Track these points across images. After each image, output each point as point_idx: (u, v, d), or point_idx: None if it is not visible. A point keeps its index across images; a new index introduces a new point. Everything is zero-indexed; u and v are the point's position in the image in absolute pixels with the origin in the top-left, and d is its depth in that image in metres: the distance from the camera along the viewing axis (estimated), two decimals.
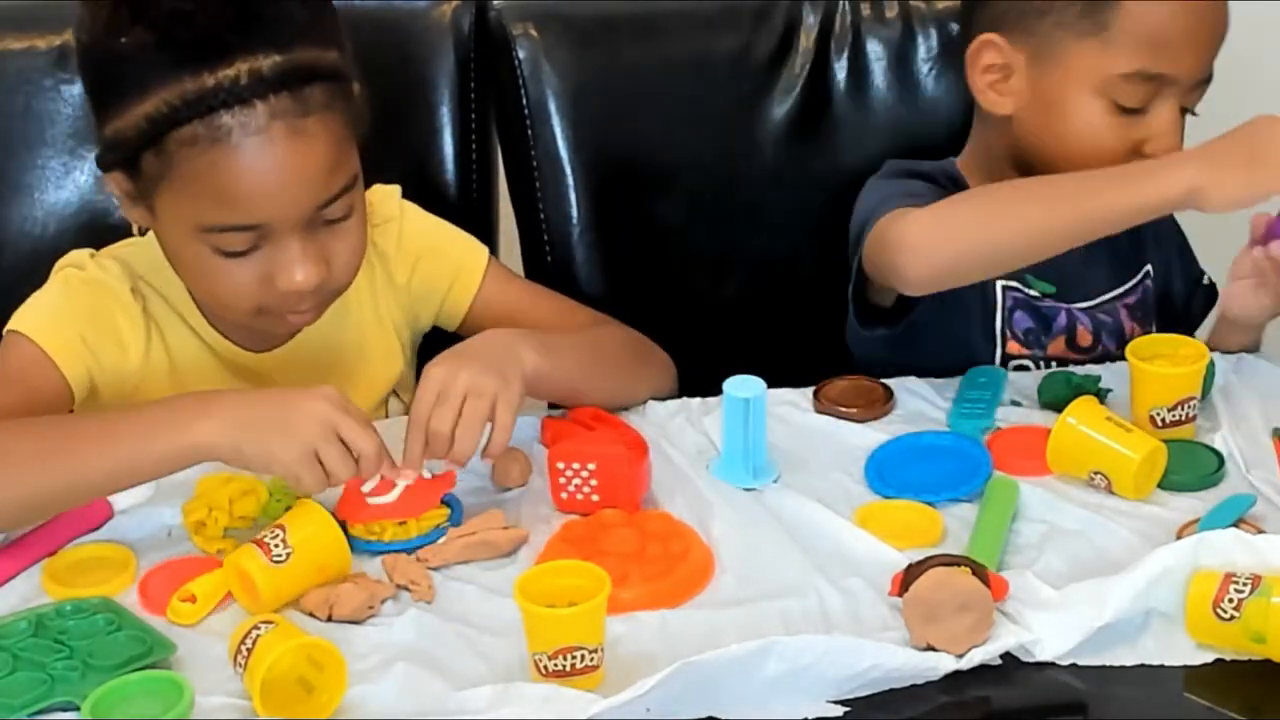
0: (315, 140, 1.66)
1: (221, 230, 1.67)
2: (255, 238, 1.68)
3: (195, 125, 1.62)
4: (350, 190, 1.72)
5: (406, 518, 1.61)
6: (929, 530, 1.61)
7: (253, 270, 1.70)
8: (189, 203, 1.67)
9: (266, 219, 1.67)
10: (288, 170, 1.65)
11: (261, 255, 1.69)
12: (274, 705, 1.38)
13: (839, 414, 1.80)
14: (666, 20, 2.17)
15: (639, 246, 2.15)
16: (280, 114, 1.63)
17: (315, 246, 1.70)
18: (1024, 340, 1.96)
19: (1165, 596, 1.46)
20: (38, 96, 2.02)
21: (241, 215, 1.66)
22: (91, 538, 1.64)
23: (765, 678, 1.40)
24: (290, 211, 1.67)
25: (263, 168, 1.64)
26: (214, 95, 1.61)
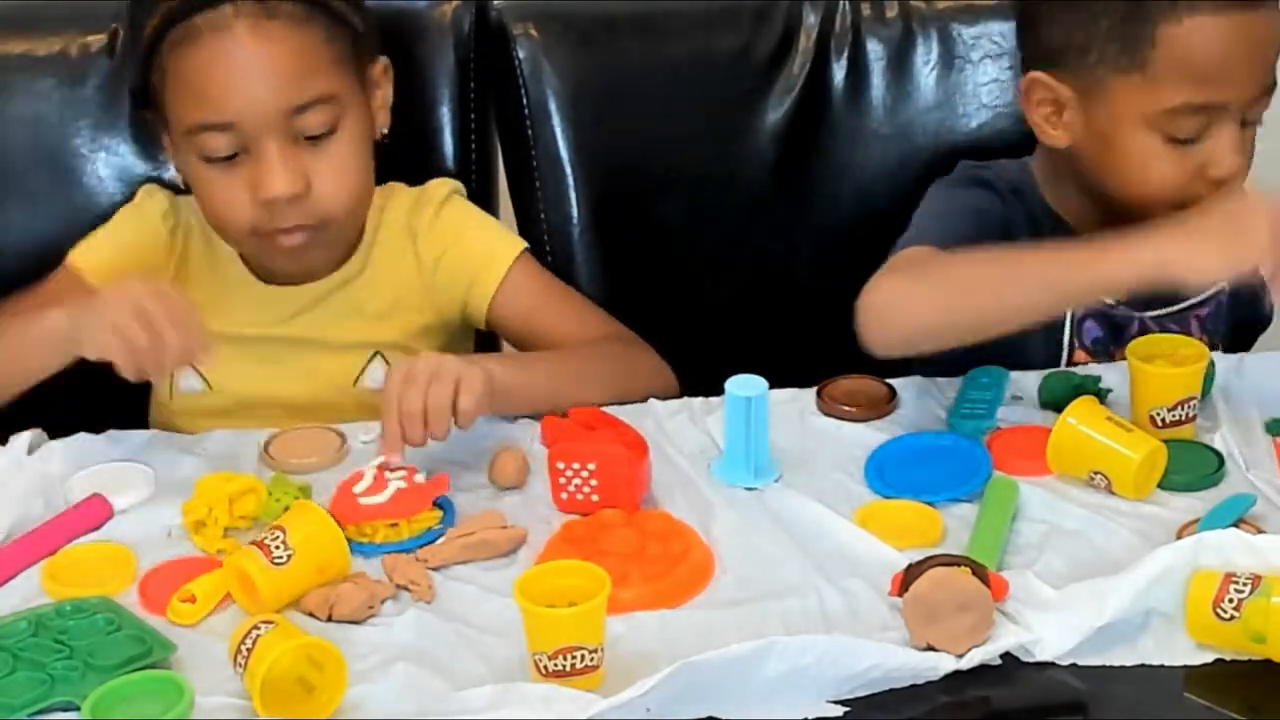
0: (280, 44, 1.80)
1: (202, 131, 1.80)
2: (235, 143, 1.80)
3: (176, 29, 1.79)
4: (326, 105, 1.82)
5: (398, 519, 1.62)
6: (929, 530, 1.61)
7: (239, 183, 1.82)
8: (177, 108, 1.82)
9: (237, 116, 1.79)
10: (251, 65, 1.79)
11: (246, 168, 1.81)
12: (274, 705, 1.38)
13: (842, 414, 1.80)
14: (667, 20, 2.17)
15: (639, 246, 2.15)
16: (244, 14, 1.78)
17: (294, 159, 1.81)
18: (1092, 350, 1.95)
19: (1165, 596, 1.46)
20: (38, 97, 2.02)
21: (215, 111, 1.79)
22: (91, 538, 1.64)
23: (765, 678, 1.40)
24: (257, 108, 1.79)
25: (228, 62, 1.79)
26: (190, 2, 1.78)
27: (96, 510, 1.66)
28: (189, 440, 1.81)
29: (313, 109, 1.81)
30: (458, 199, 2.01)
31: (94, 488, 1.69)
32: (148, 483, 1.72)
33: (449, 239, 1.97)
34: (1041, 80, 1.86)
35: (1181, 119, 1.79)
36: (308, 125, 1.81)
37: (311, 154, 1.83)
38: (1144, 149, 1.81)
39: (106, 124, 2.05)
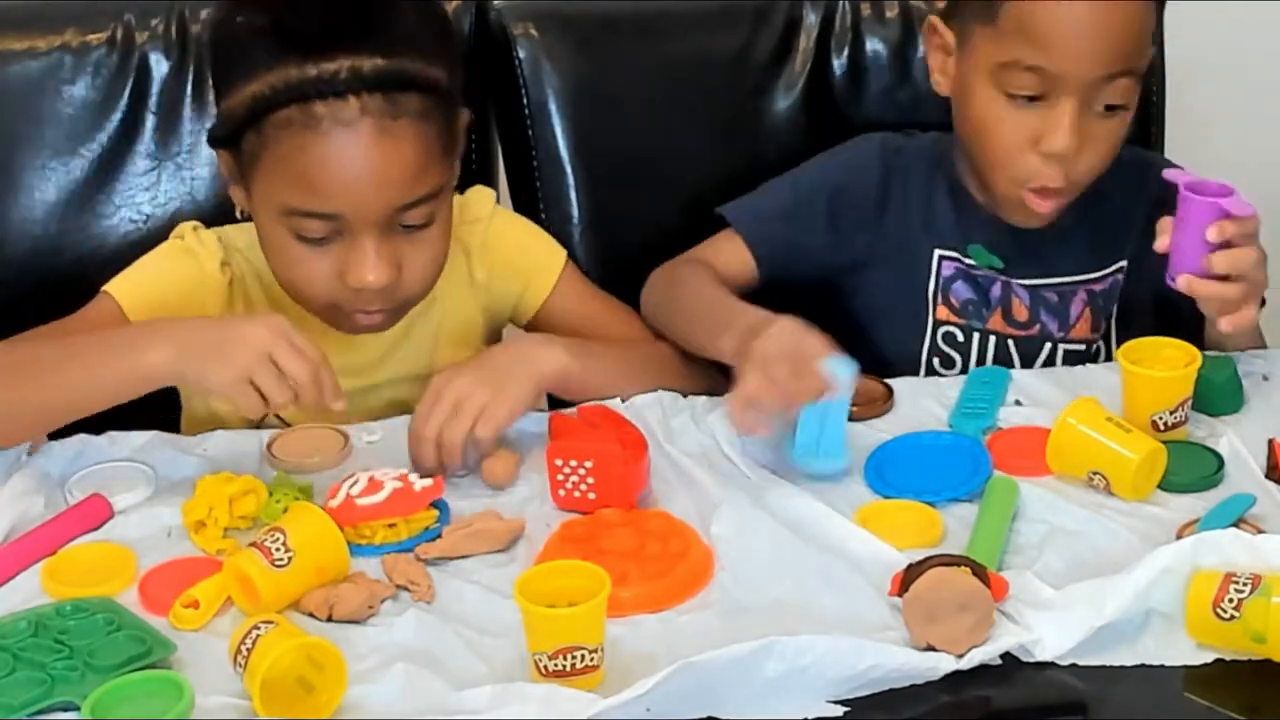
0: (402, 143, 1.72)
1: (302, 215, 1.74)
2: (332, 228, 1.74)
3: (292, 109, 1.70)
4: (432, 200, 1.77)
5: (395, 519, 1.62)
6: (929, 530, 1.61)
7: (328, 262, 1.76)
8: (277, 184, 1.74)
9: (344, 210, 1.73)
10: (370, 167, 1.72)
11: (337, 248, 1.76)
12: (274, 705, 1.39)
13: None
14: (667, 20, 2.17)
15: (639, 246, 2.15)
16: (371, 112, 1.70)
17: (390, 249, 1.76)
18: (960, 310, 1.98)
19: (1165, 596, 1.46)
20: (38, 96, 2.02)
21: (321, 202, 1.73)
22: (91, 538, 1.65)
23: (765, 678, 1.40)
24: (367, 208, 1.73)
25: (346, 160, 1.71)
26: (312, 84, 1.69)
27: (96, 510, 1.66)
28: (189, 440, 1.81)
29: (419, 205, 1.76)
30: (500, 212, 2.00)
31: (94, 488, 1.69)
32: (148, 483, 1.72)
33: (500, 256, 1.96)
34: (935, 24, 1.93)
35: (1015, 74, 1.83)
36: (410, 219, 1.76)
37: (407, 242, 1.77)
38: (986, 102, 1.86)
39: (106, 122, 2.04)
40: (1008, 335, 1.98)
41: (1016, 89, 1.84)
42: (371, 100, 1.70)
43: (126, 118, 2.04)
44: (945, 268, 1.99)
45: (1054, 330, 1.98)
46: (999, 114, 1.86)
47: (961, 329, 1.98)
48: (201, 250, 1.88)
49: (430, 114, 1.74)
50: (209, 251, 1.88)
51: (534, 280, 1.97)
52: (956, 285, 1.98)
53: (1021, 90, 1.84)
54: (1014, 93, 1.84)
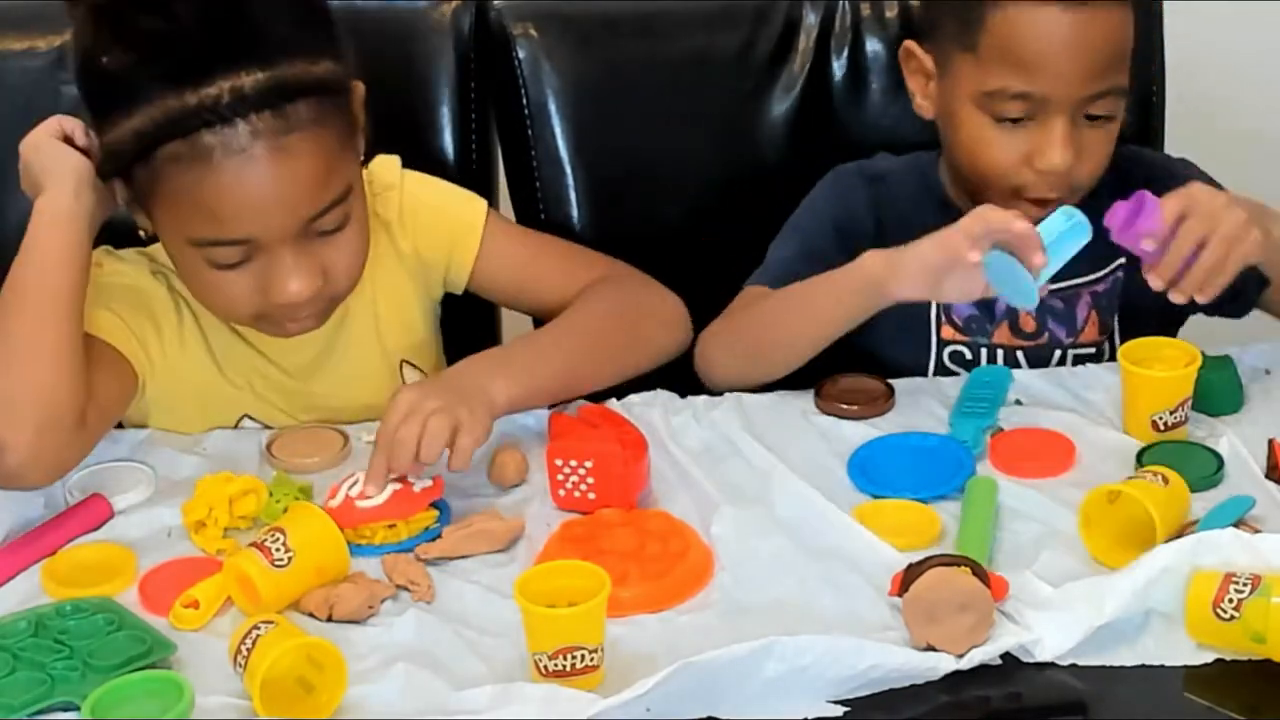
0: (300, 158, 1.65)
1: (210, 244, 1.68)
2: (245, 251, 1.68)
3: (179, 144, 1.62)
4: (344, 201, 1.71)
5: (395, 520, 1.62)
6: (927, 529, 1.61)
7: (247, 281, 1.71)
8: (177, 217, 1.68)
9: (253, 234, 1.67)
10: (271, 188, 1.64)
11: (254, 267, 1.70)
12: (274, 705, 1.39)
13: (840, 412, 1.80)
14: (667, 20, 2.17)
15: (639, 246, 2.15)
16: (262, 133, 1.62)
17: (309, 258, 1.70)
18: (964, 328, 1.97)
19: (1165, 596, 1.46)
20: (38, 96, 2.02)
21: (228, 230, 1.66)
22: (91, 538, 1.65)
23: (765, 678, 1.40)
24: (276, 227, 1.67)
25: (245, 186, 1.63)
26: (195, 114, 1.61)
27: (96, 510, 1.66)
28: (189, 440, 1.81)
29: (331, 210, 1.69)
30: (409, 175, 1.92)
31: (94, 488, 1.69)
32: (148, 483, 1.72)
33: (420, 221, 1.90)
34: (913, 50, 1.94)
35: (1003, 103, 1.84)
36: (324, 224, 1.70)
37: (326, 246, 1.71)
38: (973, 127, 1.87)
39: None
40: (1016, 347, 1.96)
41: (1004, 114, 1.84)
42: (260, 120, 1.62)
43: None
44: None
45: (1063, 337, 1.97)
46: (989, 137, 1.86)
47: (968, 346, 1.97)
48: (125, 267, 1.83)
49: (325, 116, 1.67)
50: (134, 265, 1.83)
51: (460, 241, 1.91)
52: (959, 304, 1.97)
53: (1009, 114, 1.84)
54: (1002, 116, 1.84)
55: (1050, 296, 1.96)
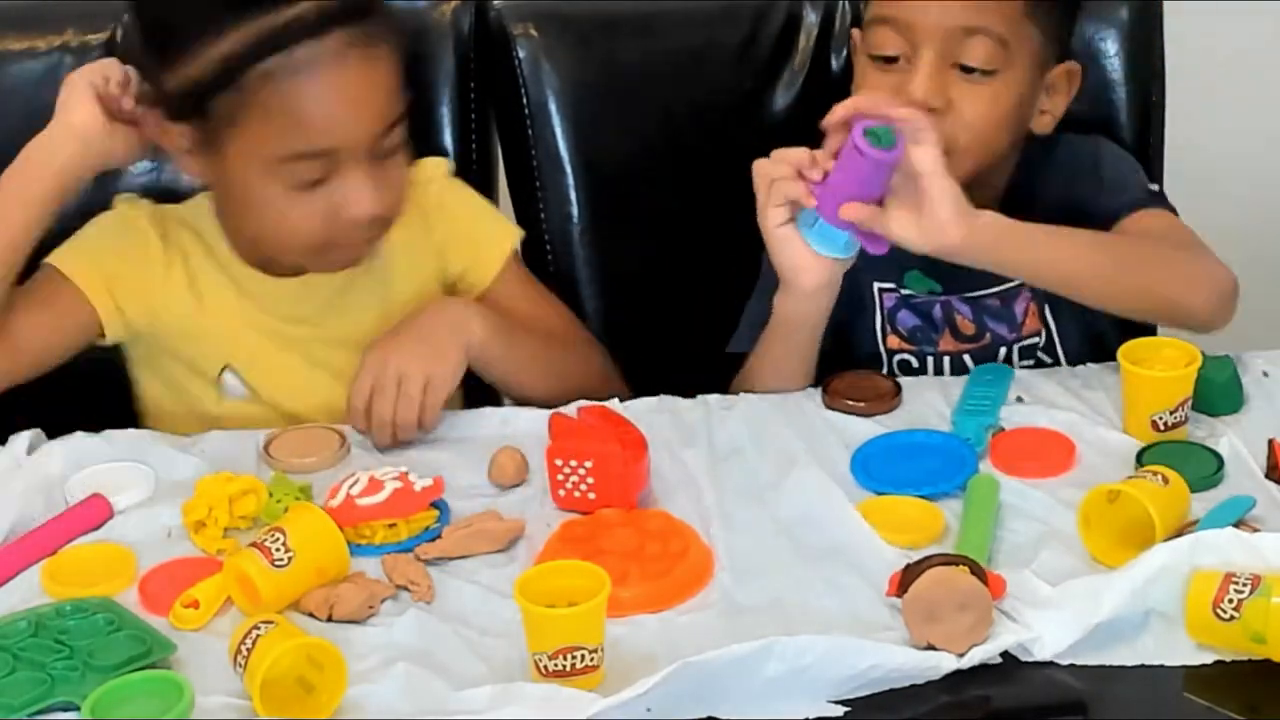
0: (379, 66, 1.77)
1: (296, 159, 1.75)
2: (325, 167, 1.76)
3: (274, 59, 1.71)
4: (402, 121, 1.81)
5: (395, 519, 1.62)
6: (931, 526, 1.61)
7: (319, 205, 1.77)
8: (266, 137, 1.74)
9: (339, 143, 1.75)
10: (358, 95, 1.76)
11: (327, 188, 1.77)
12: (274, 705, 1.39)
13: (846, 408, 1.80)
14: (667, 19, 2.17)
15: (640, 245, 2.15)
16: (350, 42, 1.74)
17: (379, 177, 1.79)
18: (910, 337, 1.98)
19: (1164, 596, 1.46)
20: (38, 96, 2.01)
21: (317, 140, 1.75)
22: (91, 538, 1.65)
23: (765, 678, 1.40)
24: (361, 135, 1.76)
25: (337, 94, 1.74)
26: (286, 30, 1.71)
27: (96, 510, 1.66)
28: (189, 440, 1.81)
29: (396, 127, 1.80)
30: (454, 180, 2.01)
31: (94, 488, 1.69)
32: (148, 483, 1.72)
33: (453, 216, 1.97)
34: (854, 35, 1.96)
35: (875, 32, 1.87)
36: (389, 143, 1.80)
37: (384, 169, 1.80)
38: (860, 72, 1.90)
39: None
40: (961, 352, 1.97)
41: (878, 49, 1.86)
42: (345, 32, 1.73)
43: None
44: (887, 300, 1.99)
45: (1005, 334, 1.97)
46: (868, 77, 1.88)
47: (915, 354, 1.98)
48: (133, 213, 1.93)
49: (391, 35, 1.79)
50: (141, 215, 1.92)
51: (482, 253, 1.97)
52: (901, 315, 1.98)
53: (882, 50, 1.85)
54: (875, 54, 1.86)
55: (988, 299, 1.97)
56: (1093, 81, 2.13)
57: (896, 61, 1.85)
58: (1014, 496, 1.65)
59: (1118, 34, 2.14)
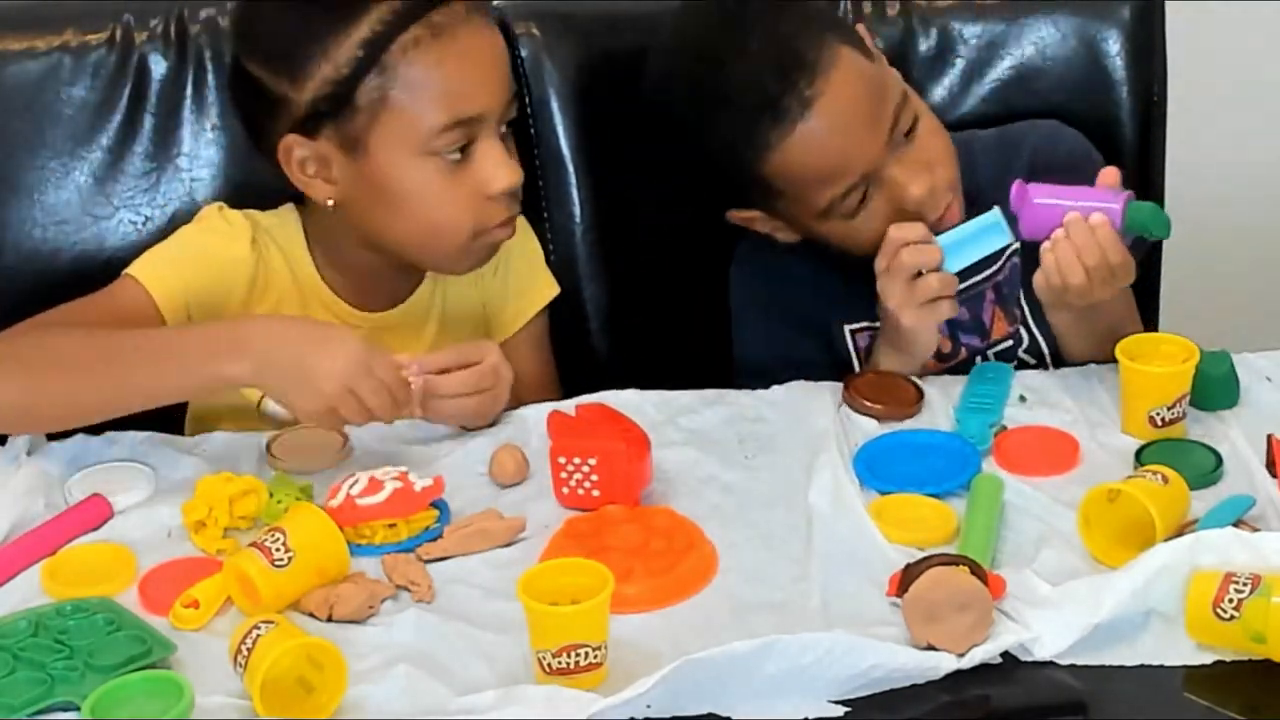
0: (497, 32, 1.86)
1: (444, 130, 1.78)
2: (467, 135, 1.79)
3: (413, 30, 1.76)
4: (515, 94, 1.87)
5: (395, 519, 1.62)
6: (942, 525, 1.61)
7: (466, 186, 1.80)
8: (414, 113, 1.77)
9: (483, 108, 1.80)
10: (493, 57, 1.83)
11: (465, 170, 1.80)
12: (274, 705, 1.39)
13: (863, 409, 1.80)
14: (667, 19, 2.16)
15: (642, 244, 2.15)
16: (473, 8, 1.81)
17: (507, 148, 1.84)
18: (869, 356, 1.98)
19: (1164, 596, 1.46)
20: (38, 96, 2.02)
21: (464, 106, 1.79)
22: (91, 538, 1.65)
23: (767, 676, 1.40)
24: (499, 100, 1.82)
25: (476, 54, 1.81)
26: (418, 1, 1.76)
27: (96, 510, 1.66)
28: (189, 440, 1.81)
29: (513, 98, 1.85)
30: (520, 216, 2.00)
31: (94, 488, 1.70)
32: (148, 483, 1.72)
33: (514, 253, 1.98)
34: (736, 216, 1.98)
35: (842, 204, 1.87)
36: (509, 114, 1.85)
37: (507, 142, 1.86)
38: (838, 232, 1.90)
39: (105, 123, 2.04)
40: (940, 371, 1.95)
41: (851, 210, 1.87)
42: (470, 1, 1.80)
43: (126, 119, 2.04)
44: (861, 340, 2.00)
45: (977, 344, 1.98)
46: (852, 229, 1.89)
47: None
48: (228, 230, 1.89)
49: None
50: (236, 231, 1.89)
51: (521, 299, 2.00)
52: (860, 336, 1.99)
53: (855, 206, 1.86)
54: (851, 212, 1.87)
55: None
56: (1094, 81, 2.14)
57: (866, 200, 1.87)
58: (1017, 495, 1.65)
59: (1118, 33, 2.14)
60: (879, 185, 1.86)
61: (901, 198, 1.86)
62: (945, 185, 1.88)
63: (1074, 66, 2.13)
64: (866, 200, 1.87)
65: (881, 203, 1.87)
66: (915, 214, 1.86)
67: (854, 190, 1.86)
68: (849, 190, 1.85)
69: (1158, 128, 2.20)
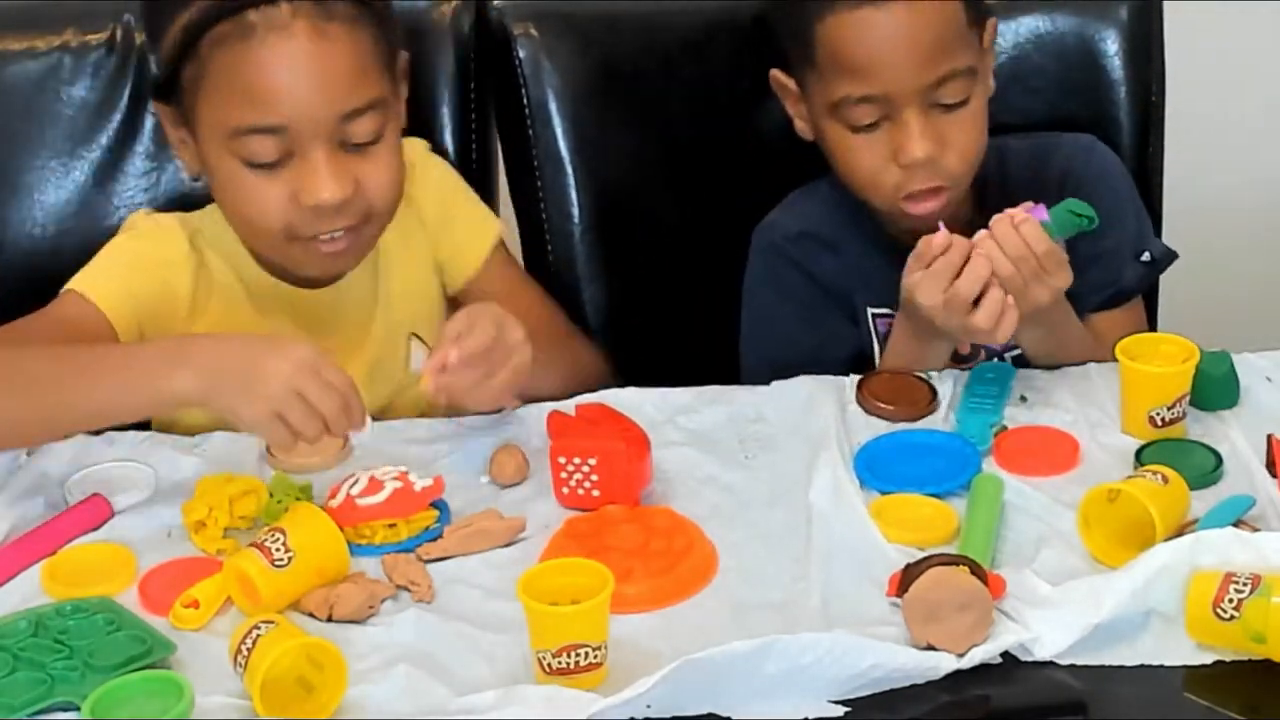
0: (337, 44, 1.74)
1: (249, 133, 1.73)
2: (281, 147, 1.74)
3: (224, 24, 1.72)
4: (376, 112, 1.78)
5: (395, 519, 1.62)
6: (943, 525, 1.60)
7: (281, 187, 1.76)
8: (220, 107, 1.74)
9: (290, 119, 1.73)
10: (309, 69, 1.73)
11: (289, 172, 1.75)
12: (274, 705, 1.39)
13: (875, 409, 1.80)
14: (667, 19, 2.17)
15: (640, 245, 2.15)
16: (302, 14, 1.72)
17: (342, 165, 1.76)
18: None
19: (1164, 596, 1.46)
20: (38, 96, 2.02)
21: (266, 114, 1.73)
22: (91, 538, 1.65)
23: (766, 676, 1.40)
24: (312, 114, 1.73)
25: (285, 63, 1.72)
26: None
27: (96, 510, 1.66)
28: (189, 440, 1.81)
29: (363, 115, 1.76)
30: (435, 156, 2.00)
31: (94, 488, 1.70)
32: (148, 483, 1.72)
33: (443, 197, 1.97)
34: (778, 77, 1.98)
35: (851, 110, 1.87)
36: (356, 132, 1.76)
37: (360, 159, 1.77)
38: (838, 140, 1.91)
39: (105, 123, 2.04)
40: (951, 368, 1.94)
41: (857, 121, 1.87)
42: (302, 4, 1.72)
43: (126, 118, 2.04)
44: (880, 325, 1.99)
45: (995, 347, 1.96)
46: (851, 145, 1.89)
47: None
48: (161, 233, 1.88)
49: (361, 21, 1.76)
50: (169, 233, 1.87)
51: (469, 238, 1.98)
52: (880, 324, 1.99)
53: (861, 121, 1.87)
54: (856, 124, 1.87)
55: None
56: (1093, 81, 2.14)
57: (878, 126, 1.87)
58: (1017, 495, 1.65)
59: (1118, 33, 2.14)
60: (892, 121, 1.86)
61: (901, 148, 1.85)
62: (943, 174, 1.87)
63: (1072, 67, 2.13)
64: (873, 126, 1.86)
65: (882, 140, 1.87)
66: (896, 177, 1.87)
67: (869, 105, 1.85)
68: (864, 100, 1.85)
69: (1156, 128, 2.20)
